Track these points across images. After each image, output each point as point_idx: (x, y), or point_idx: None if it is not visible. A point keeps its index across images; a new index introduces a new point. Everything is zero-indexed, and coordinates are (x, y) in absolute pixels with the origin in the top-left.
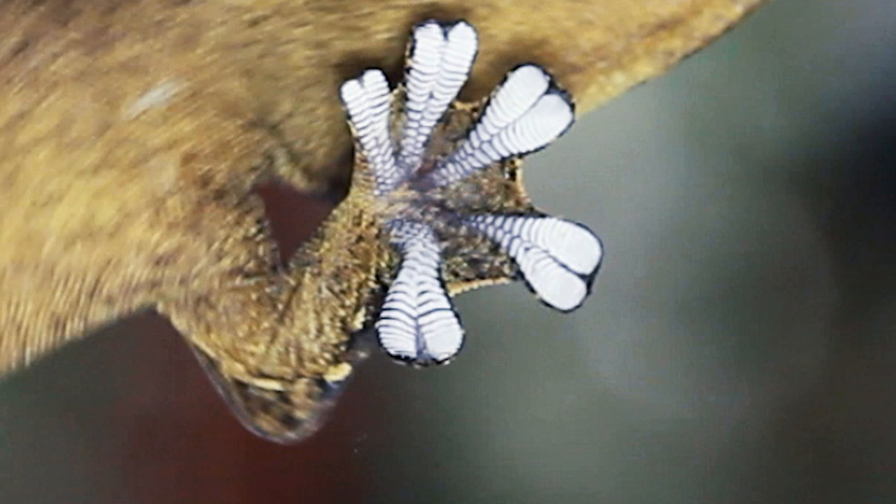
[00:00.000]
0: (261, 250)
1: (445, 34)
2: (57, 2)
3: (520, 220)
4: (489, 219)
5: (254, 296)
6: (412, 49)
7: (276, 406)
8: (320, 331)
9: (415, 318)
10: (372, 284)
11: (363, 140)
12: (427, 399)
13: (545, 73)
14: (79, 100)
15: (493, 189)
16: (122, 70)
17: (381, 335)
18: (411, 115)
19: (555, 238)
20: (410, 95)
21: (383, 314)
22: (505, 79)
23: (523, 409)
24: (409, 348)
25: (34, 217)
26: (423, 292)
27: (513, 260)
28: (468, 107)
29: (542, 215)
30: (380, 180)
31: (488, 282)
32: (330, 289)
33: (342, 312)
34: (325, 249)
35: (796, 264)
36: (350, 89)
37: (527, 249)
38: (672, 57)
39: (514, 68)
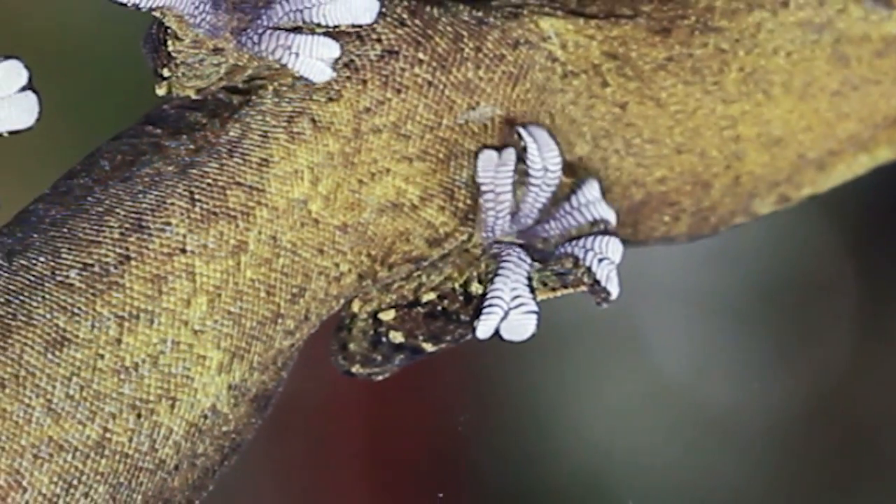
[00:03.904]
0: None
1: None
2: (415, 31)
3: (591, 237)
4: (573, 242)
5: None
6: (525, 147)
7: (342, 329)
8: (407, 276)
9: (507, 312)
10: (456, 285)
11: (485, 196)
12: (520, 386)
13: None
14: (415, 104)
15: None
16: (455, 88)
17: (478, 330)
18: (531, 188)
19: (619, 251)
20: (531, 172)
21: (483, 313)
22: None
23: (598, 394)
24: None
25: (363, 187)
26: (516, 297)
27: (589, 269)
28: (569, 181)
29: (612, 233)
30: (489, 229)
31: (571, 290)
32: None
33: (424, 279)
34: None
35: (826, 272)
36: (487, 157)
37: (600, 261)
38: None
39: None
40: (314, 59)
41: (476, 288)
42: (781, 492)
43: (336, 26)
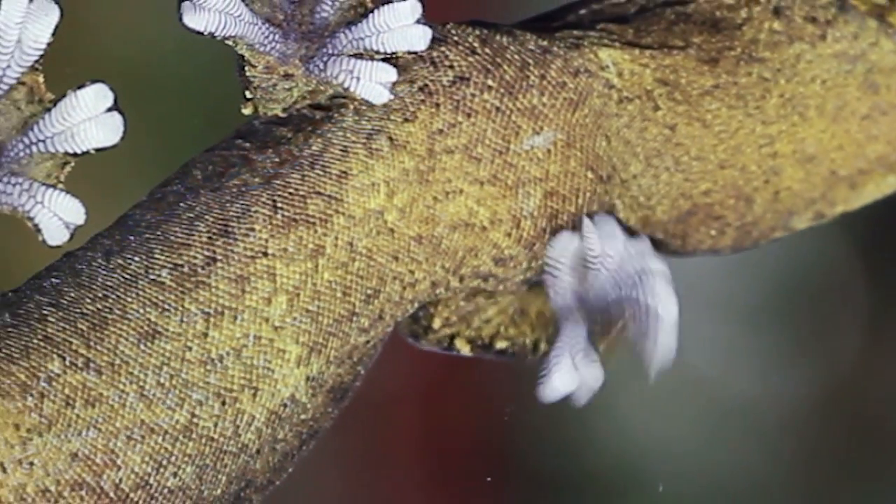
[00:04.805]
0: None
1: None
2: (485, 58)
3: (641, 285)
4: (621, 294)
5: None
6: (583, 235)
7: (418, 324)
8: (487, 319)
9: (577, 366)
10: (527, 341)
11: (546, 277)
12: None
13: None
14: (484, 128)
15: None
16: (521, 114)
17: (549, 383)
18: (593, 271)
19: (664, 301)
20: (589, 258)
21: (547, 370)
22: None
23: (632, 387)
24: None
25: (437, 204)
26: (580, 351)
27: (633, 315)
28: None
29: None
30: (555, 304)
31: (622, 333)
32: (514, 313)
33: (501, 330)
34: (534, 289)
35: (838, 275)
36: (565, 238)
37: (643, 295)
38: None
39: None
40: (374, 83)
41: (544, 347)
42: (798, 475)
43: (394, 53)
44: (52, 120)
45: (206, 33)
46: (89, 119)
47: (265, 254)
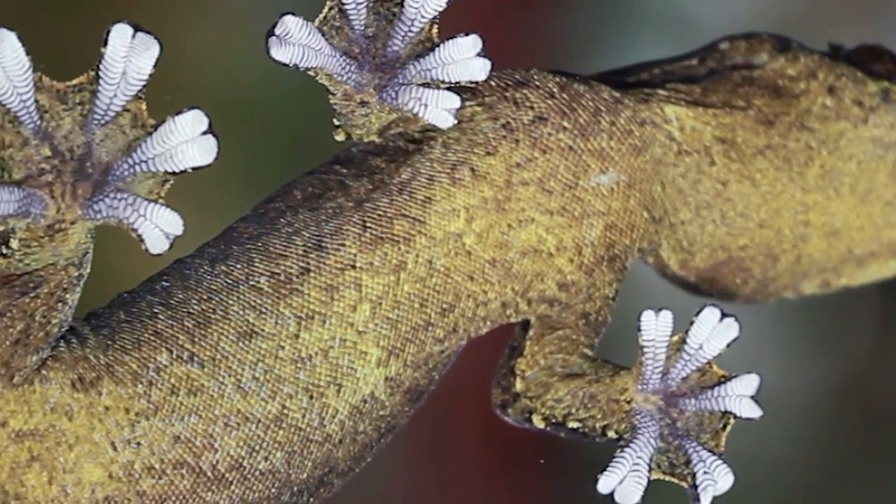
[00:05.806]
0: (604, 312)
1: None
2: (562, 102)
3: (712, 458)
4: (695, 445)
5: (571, 335)
6: (692, 324)
7: (507, 393)
8: (558, 399)
9: (624, 478)
10: (597, 424)
11: (645, 352)
12: None
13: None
14: (557, 165)
15: (709, 429)
16: (591, 154)
17: (599, 484)
18: (684, 356)
19: (725, 477)
20: (687, 344)
21: (606, 470)
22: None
23: None
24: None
25: (511, 230)
26: (635, 465)
27: (694, 475)
28: (722, 372)
29: (724, 461)
30: (645, 382)
31: (675, 480)
32: (583, 397)
33: (573, 410)
34: (605, 376)
35: None
36: (647, 316)
37: (706, 473)
38: None
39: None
40: (440, 109)
41: (612, 434)
42: (817, 457)
43: (457, 82)
44: (153, 142)
45: (290, 65)
46: (187, 141)
47: (353, 266)
